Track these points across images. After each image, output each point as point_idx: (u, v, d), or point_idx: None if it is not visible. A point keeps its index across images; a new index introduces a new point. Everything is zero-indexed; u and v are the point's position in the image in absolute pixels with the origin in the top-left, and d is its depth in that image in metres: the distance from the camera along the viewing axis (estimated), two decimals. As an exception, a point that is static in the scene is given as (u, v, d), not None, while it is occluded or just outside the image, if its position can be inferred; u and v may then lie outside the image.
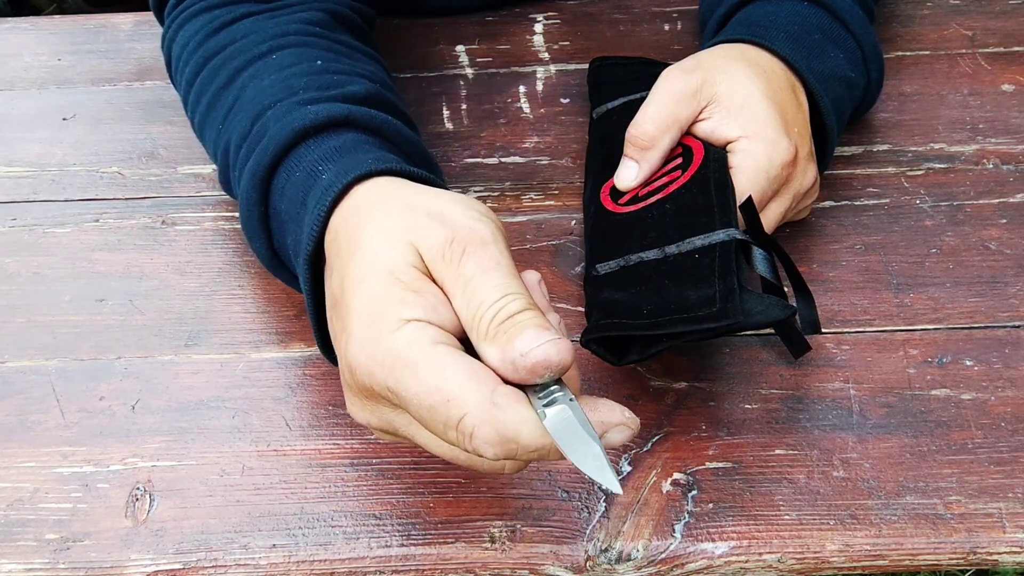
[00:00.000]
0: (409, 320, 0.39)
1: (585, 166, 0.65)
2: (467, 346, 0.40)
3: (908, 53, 0.73)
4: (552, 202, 0.64)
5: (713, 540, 0.49)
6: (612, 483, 0.38)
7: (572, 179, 0.66)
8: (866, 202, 0.64)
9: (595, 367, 0.55)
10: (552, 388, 0.38)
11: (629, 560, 0.49)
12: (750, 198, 0.52)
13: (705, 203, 0.52)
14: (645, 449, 0.52)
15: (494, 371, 0.38)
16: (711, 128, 0.56)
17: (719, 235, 0.51)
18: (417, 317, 0.39)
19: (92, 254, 0.63)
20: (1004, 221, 0.62)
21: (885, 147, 0.67)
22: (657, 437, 0.53)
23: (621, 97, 0.64)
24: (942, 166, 0.65)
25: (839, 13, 0.62)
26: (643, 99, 0.57)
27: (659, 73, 0.58)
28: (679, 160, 0.56)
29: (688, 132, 0.57)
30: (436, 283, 0.41)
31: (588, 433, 0.37)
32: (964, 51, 0.73)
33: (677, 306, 0.49)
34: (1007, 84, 0.71)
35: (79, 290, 0.61)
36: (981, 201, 0.63)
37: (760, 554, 0.49)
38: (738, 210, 0.52)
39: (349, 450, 0.53)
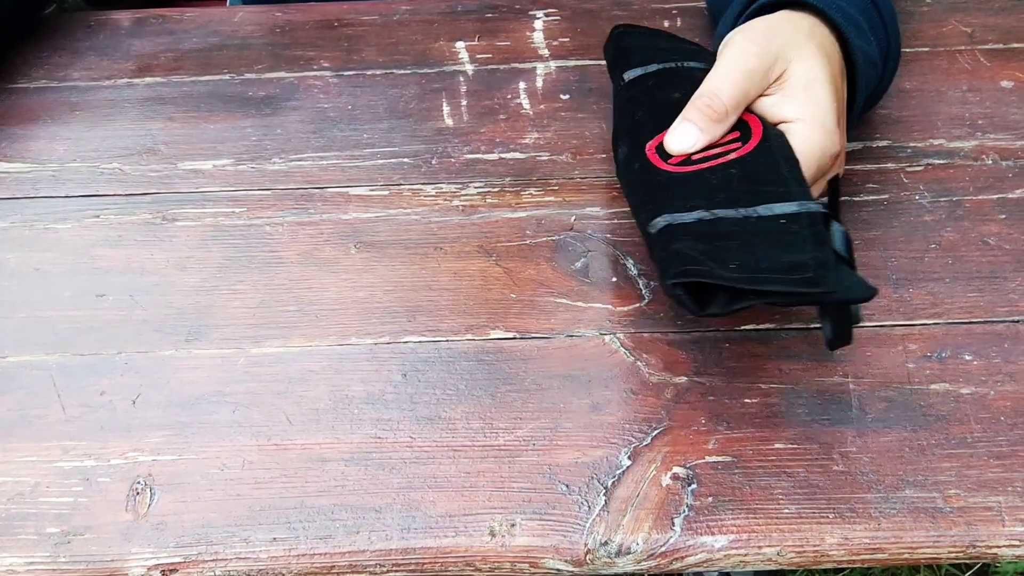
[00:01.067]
0: None
1: (614, 127, 0.62)
2: None
3: (907, 49, 0.73)
4: (552, 198, 0.64)
5: (712, 533, 0.49)
6: None
7: (572, 175, 0.66)
8: (865, 197, 0.64)
9: (596, 360, 0.55)
10: None
11: (629, 553, 0.49)
12: (837, 176, 0.52)
13: (775, 175, 0.52)
14: (645, 443, 0.52)
15: None
16: (770, 104, 0.55)
17: (804, 205, 0.50)
18: None
19: (92, 250, 0.63)
20: (1003, 217, 0.62)
21: (884, 143, 0.67)
22: (657, 431, 0.53)
23: (655, 64, 0.61)
24: (941, 162, 0.66)
25: (878, 1, 0.61)
26: (685, 68, 0.57)
27: (692, 50, 0.57)
28: (736, 133, 0.55)
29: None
30: None
31: None
32: (963, 48, 0.74)
33: (769, 266, 0.48)
34: (1006, 80, 0.71)
35: (79, 286, 0.61)
36: (980, 197, 0.63)
37: (759, 547, 0.49)
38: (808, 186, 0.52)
39: (349, 444, 0.53)
